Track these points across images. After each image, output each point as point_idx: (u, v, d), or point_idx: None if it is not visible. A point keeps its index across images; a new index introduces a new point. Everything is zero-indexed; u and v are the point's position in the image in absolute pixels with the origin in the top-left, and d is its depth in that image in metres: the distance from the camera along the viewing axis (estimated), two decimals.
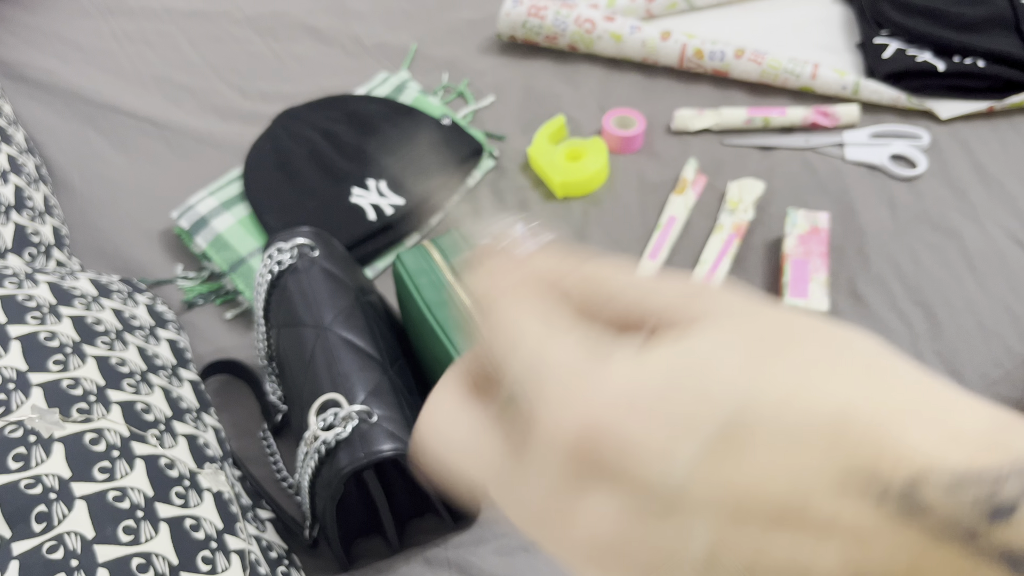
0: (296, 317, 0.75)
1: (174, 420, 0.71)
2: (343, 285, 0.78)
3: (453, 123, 1.08)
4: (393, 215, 0.99)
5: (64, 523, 0.55)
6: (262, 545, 0.69)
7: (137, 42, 1.31)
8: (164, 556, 0.57)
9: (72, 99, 1.21)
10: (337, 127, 1.09)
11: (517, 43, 1.26)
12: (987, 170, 1.03)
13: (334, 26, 1.32)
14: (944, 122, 1.09)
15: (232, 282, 0.97)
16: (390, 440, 0.66)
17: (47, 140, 1.15)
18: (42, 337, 0.66)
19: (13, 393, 0.60)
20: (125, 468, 0.61)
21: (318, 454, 0.66)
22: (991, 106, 1.08)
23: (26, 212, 0.91)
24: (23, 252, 0.88)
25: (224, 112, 1.19)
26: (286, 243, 0.79)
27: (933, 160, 1.04)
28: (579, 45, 1.21)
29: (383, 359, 0.74)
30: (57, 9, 1.38)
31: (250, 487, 0.78)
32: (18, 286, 0.71)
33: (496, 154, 1.10)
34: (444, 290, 0.75)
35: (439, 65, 1.25)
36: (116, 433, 0.63)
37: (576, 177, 1.03)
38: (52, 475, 0.57)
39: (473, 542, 0.76)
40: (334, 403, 0.68)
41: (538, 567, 0.74)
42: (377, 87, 1.18)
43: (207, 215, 1.01)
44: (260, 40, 1.31)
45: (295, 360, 0.73)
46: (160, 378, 0.74)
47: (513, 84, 1.20)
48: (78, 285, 0.78)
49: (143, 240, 1.04)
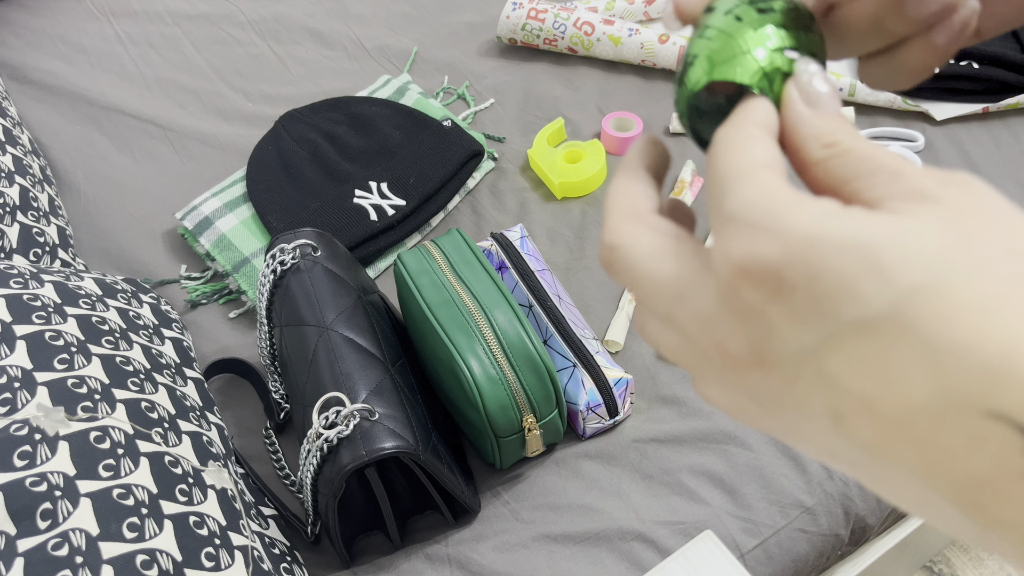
0: (299, 316, 0.76)
1: (178, 418, 0.71)
2: (345, 285, 0.79)
3: (454, 125, 1.09)
4: (394, 216, 1.00)
5: (69, 520, 0.56)
6: (265, 542, 0.70)
7: (141, 45, 1.32)
8: (168, 552, 0.58)
9: (77, 101, 1.22)
10: (339, 129, 1.10)
11: (517, 46, 1.27)
12: (982, 171, 1.04)
13: (336, 29, 1.33)
14: (939, 124, 1.10)
15: (235, 282, 0.98)
16: (392, 438, 0.67)
17: (52, 142, 1.16)
18: (47, 336, 0.67)
19: (19, 391, 0.61)
20: (130, 466, 0.61)
21: (320, 452, 0.67)
22: (986, 108, 1.09)
23: (31, 213, 0.92)
24: (29, 252, 0.89)
25: (227, 114, 1.20)
26: (289, 243, 0.80)
27: (928, 161, 1.05)
28: (578, 48, 1.22)
29: (385, 358, 0.74)
30: (62, 12, 1.39)
31: (253, 484, 0.79)
32: (24, 286, 0.71)
33: (496, 156, 1.11)
34: (444, 290, 0.76)
35: (440, 68, 1.26)
36: (121, 431, 0.63)
37: (575, 178, 1.03)
38: (57, 473, 0.57)
39: (473, 538, 0.77)
40: (336, 401, 0.69)
41: (537, 563, 0.74)
42: (379, 89, 1.19)
43: (211, 216, 1.02)
44: (263, 43, 1.32)
45: (298, 359, 0.74)
46: (164, 377, 0.75)
47: (513, 87, 1.21)
48: (83, 285, 0.78)
49: (147, 241, 1.05)
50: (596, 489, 0.79)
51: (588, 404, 0.79)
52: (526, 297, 0.85)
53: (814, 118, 0.23)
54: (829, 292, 0.19)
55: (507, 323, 0.73)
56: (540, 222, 1.03)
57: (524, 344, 0.72)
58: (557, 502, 0.78)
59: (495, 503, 0.79)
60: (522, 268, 0.86)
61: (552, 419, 0.76)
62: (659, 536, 0.75)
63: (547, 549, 0.75)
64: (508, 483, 0.80)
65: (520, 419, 0.73)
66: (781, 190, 0.21)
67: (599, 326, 0.91)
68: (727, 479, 0.78)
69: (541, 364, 0.72)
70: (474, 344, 0.72)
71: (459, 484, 0.74)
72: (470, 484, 0.79)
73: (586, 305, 0.94)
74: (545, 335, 0.83)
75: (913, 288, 0.18)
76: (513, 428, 0.73)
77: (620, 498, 0.78)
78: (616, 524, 0.76)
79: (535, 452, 0.77)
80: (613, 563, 0.74)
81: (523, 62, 1.25)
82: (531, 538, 0.76)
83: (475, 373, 0.71)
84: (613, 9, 1.26)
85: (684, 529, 0.76)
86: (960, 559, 1.24)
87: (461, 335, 0.73)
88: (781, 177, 0.22)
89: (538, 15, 1.21)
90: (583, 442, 0.82)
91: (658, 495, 0.78)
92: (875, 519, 0.81)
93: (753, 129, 0.23)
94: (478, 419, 0.73)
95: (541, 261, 0.90)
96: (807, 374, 0.20)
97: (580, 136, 1.13)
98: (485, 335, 0.73)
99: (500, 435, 0.74)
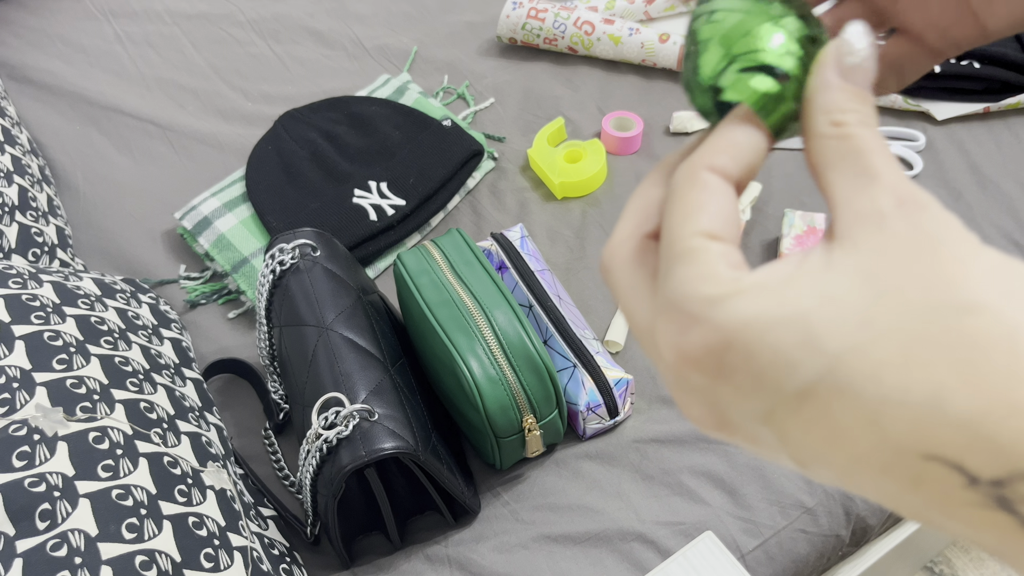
0: (298, 317, 0.76)
1: (177, 419, 0.71)
2: (345, 285, 0.78)
3: (454, 124, 1.09)
4: (394, 216, 0.99)
5: (68, 521, 0.55)
6: (264, 542, 0.70)
7: (140, 44, 1.32)
8: (167, 553, 0.58)
9: (76, 101, 1.22)
10: (339, 129, 1.10)
11: (517, 45, 1.27)
12: (983, 171, 1.04)
13: (336, 28, 1.33)
14: (940, 123, 1.09)
15: (235, 282, 0.98)
16: (391, 438, 0.67)
17: (51, 141, 1.16)
18: (46, 336, 0.67)
19: (17, 392, 0.61)
20: (128, 466, 0.61)
21: (320, 452, 0.67)
22: (987, 107, 1.09)
23: (30, 213, 0.92)
24: (27, 252, 0.88)
25: (227, 114, 1.20)
26: (288, 243, 0.80)
27: (929, 161, 1.05)
28: (578, 47, 1.22)
29: (384, 358, 0.74)
30: (61, 12, 1.39)
31: (252, 485, 0.78)
32: (22, 286, 0.71)
33: (496, 155, 1.11)
34: (444, 290, 0.76)
35: (440, 67, 1.25)
36: (120, 431, 0.63)
37: (575, 178, 1.03)
38: (56, 473, 0.57)
39: (473, 539, 0.77)
40: (336, 402, 0.69)
41: (537, 563, 0.74)
42: (378, 89, 1.19)
43: (210, 216, 1.02)
44: (262, 42, 1.32)
45: (297, 359, 0.74)
46: (163, 377, 0.75)
47: (513, 86, 1.21)
48: (82, 285, 0.78)
49: (146, 240, 1.05)
50: (596, 490, 0.79)
51: (588, 404, 0.78)
52: (526, 297, 0.84)
53: (834, 91, 0.23)
54: (768, 368, 0.20)
55: (507, 323, 0.73)
56: (540, 222, 1.03)
57: (524, 344, 0.72)
58: (557, 503, 0.78)
59: (495, 504, 0.79)
60: (522, 268, 0.86)
61: (552, 419, 0.75)
62: (659, 537, 0.75)
63: (547, 550, 0.75)
64: (508, 484, 0.80)
65: (520, 419, 0.73)
66: (718, 271, 0.22)
67: (599, 326, 0.91)
68: (727, 479, 0.78)
69: (541, 364, 0.72)
70: (474, 344, 0.72)
71: (459, 484, 0.74)
72: (470, 484, 0.79)
73: (586, 305, 0.93)
74: (545, 335, 0.82)
75: (841, 351, 0.19)
76: (513, 428, 0.73)
77: (620, 499, 0.78)
78: (616, 525, 0.76)
79: (535, 452, 0.77)
80: (613, 564, 0.74)
81: (523, 62, 1.25)
82: (531, 539, 0.76)
83: (475, 373, 0.71)
84: (613, 8, 1.26)
85: (685, 530, 0.75)
86: (961, 560, 1.23)
87: (461, 335, 0.72)
88: (724, 246, 0.22)
89: (538, 14, 1.21)
90: (583, 442, 0.82)
91: (658, 496, 0.78)
92: (876, 519, 0.81)
93: (705, 179, 0.23)
94: (478, 419, 0.72)
95: (541, 261, 0.89)
96: (766, 434, 0.22)
97: (580, 136, 1.13)
98: (485, 335, 0.72)
99: (500, 435, 0.74)
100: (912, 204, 0.21)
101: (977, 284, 0.19)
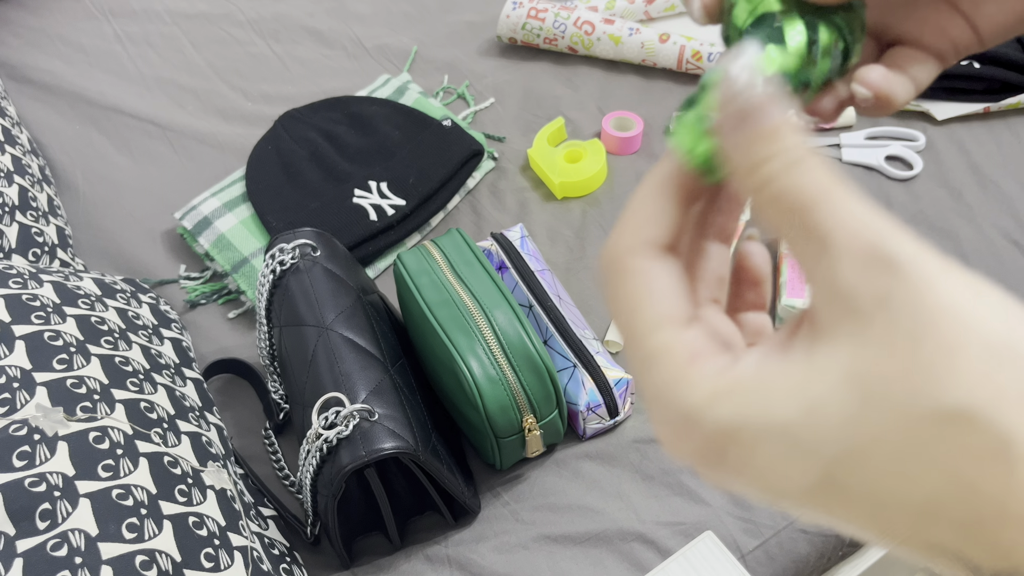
0: (298, 317, 0.76)
1: (177, 419, 0.71)
2: (345, 285, 0.78)
3: (454, 124, 1.09)
4: (394, 216, 0.99)
5: (68, 520, 0.55)
6: (264, 542, 0.70)
7: (140, 44, 1.32)
8: (168, 553, 0.58)
9: (76, 101, 1.22)
10: (339, 128, 1.10)
11: (517, 45, 1.27)
12: (983, 171, 1.04)
13: (336, 28, 1.33)
14: (940, 123, 1.09)
15: (235, 282, 0.98)
16: (391, 439, 0.67)
17: (51, 141, 1.16)
18: (46, 336, 0.67)
19: (17, 392, 0.61)
20: (129, 466, 0.61)
21: (320, 452, 0.67)
22: (987, 107, 1.09)
23: (30, 213, 0.92)
24: (27, 252, 0.88)
25: (227, 114, 1.20)
26: (288, 243, 0.80)
27: (929, 161, 1.05)
28: (578, 47, 1.22)
29: (384, 358, 0.74)
30: (61, 11, 1.39)
31: (252, 485, 0.78)
32: (23, 286, 0.71)
33: (496, 155, 1.11)
34: (444, 290, 0.76)
35: (440, 67, 1.25)
36: (120, 431, 0.63)
37: (575, 178, 1.03)
38: (56, 473, 0.57)
39: (473, 539, 0.77)
40: (336, 402, 0.69)
41: (537, 564, 0.74)
42: (378, 89, 1.19)
43: (210, 216, 1.02)
44: (262, 42, 1.32)
45: (297, 359, 0.74)
46: (163, 377, 0.75)
47: (513, 86, 1.21)
48: (82, 285, 0.78)
49: (146, 240, 1.05)
50: (596, 490, 0.79)
51: (588, 404, 0.78)
52: (526, 297, 0.84)
53: (740, 144, 0.21)
54: (762, 477, 0.21)
55: (507, 323, 0.73)
56: (540, 222, 1.03)
57: (524, 344, 0.72)
58: (557, 503, 0.78)
59: (495, 504, 0.79)
60: (522, 268, 0.86)
61: (552, 419, 0.75)
62: (660, 537, 0.75)
63: (547, 550, 0.75)
64: (508, 484, 0.80)
65: (520, 419, 0.73)
66: (688, 375, 0.21)
67: (599, 326, 0.91)
68: None
69: (541, 364, 0.72)
70: (474, 344, 0.72)
71: (459, 485, 0.74)
72: (470, 485, 0.79)
73: (586, 305, 0.94)
74: (545, 335, 0.82)
75: (834, 457, 0.19)
76: (513, 428, 0.73)
77: (620, 499, 0.78)
78: (617, 525, 0.76)
79: (535, 453, 0.77)
80: (613, 564, 0.74)
81: (523, 61, 1.25)
82: (531, 539, 0.76)
83: (475, 373, 0.71)
84: (613, 8, 1.26)
85: (685, 530, 0.75)
86: None
87: (461, 335, 0.72)
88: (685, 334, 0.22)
89: (538, 14, 1.21)
90: (583, 442, 0.82)
91: (659, 496, 0.78)
92: None
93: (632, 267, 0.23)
94: (478, 419, 0.72)
95: (541, 261, 0.89)
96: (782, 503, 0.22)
97: (580, 136, 1.13)
98: (485, 335, 0.72)
99: (500, 435, 0.74)
100: (878, 268, 0.19)
101: (964, 384, 0.18)
